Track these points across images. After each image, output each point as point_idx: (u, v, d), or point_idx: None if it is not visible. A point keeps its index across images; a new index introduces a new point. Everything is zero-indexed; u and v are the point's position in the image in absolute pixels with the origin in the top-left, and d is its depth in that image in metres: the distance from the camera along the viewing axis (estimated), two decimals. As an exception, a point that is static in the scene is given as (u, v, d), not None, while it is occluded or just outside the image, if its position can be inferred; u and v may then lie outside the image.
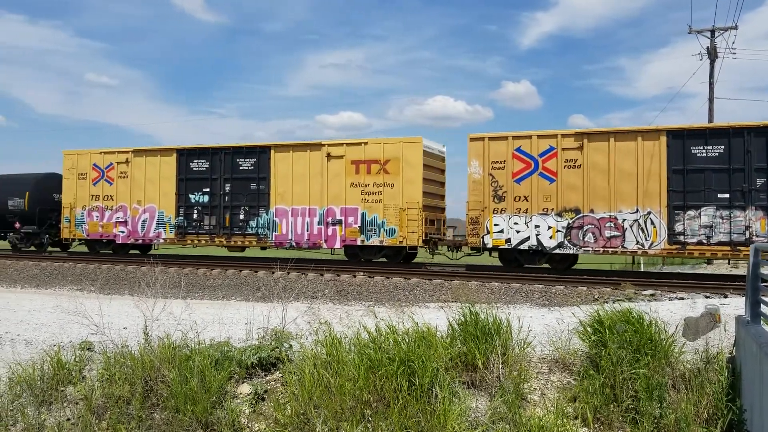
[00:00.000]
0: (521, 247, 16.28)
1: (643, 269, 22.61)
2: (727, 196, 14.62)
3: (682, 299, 11.85)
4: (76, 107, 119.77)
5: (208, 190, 20.01)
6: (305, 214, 18.76)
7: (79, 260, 20.66)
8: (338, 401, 6.70)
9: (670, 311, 8.64)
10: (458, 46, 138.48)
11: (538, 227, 16.07)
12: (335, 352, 7.15)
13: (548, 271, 16.40)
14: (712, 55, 26.19)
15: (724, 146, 14.67)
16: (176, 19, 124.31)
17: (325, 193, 18.47)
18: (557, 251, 16.03)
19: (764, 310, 6.66)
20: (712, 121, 24.90)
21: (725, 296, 12.23)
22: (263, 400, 7.38)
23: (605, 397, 6.77)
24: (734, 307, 8.58)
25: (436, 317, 9.01)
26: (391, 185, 17.69)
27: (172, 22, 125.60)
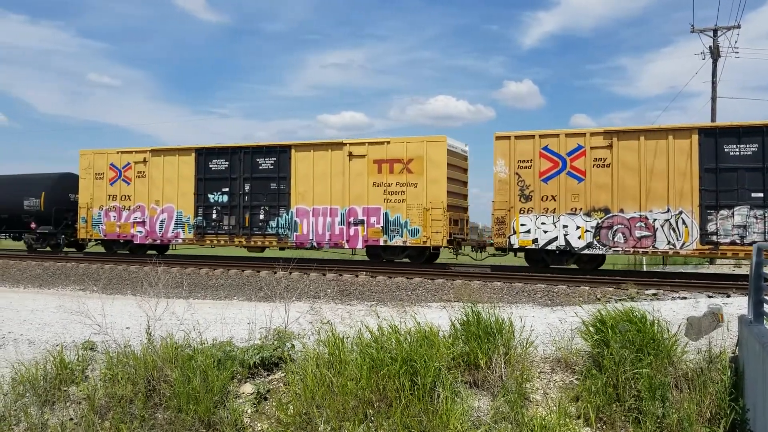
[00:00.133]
0: (548, 247, 16.09)
1: (645, 269, 22.57)
2: (761, 195, 14.27)
3: (684, 299, 11.83)
4: (78, 107, 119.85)
5: (227, 189, 19.87)
6: (326, 214, 18.58)
7: (81, 260, 20.69)
8: (340, 401, 6.71)
9: (672, 311, 8.63)
10: (460, 45, 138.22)
11: (566, 227, 15.85)
12: (337, 351, 7.16)
13: (550, 270, 16.37)
14: (714, 54, 26.13)
15: (757, 144, 14.37)
16: (178, 19, 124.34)
17: (346, 192, 18.30)
18: (586, 251, 15.84)
19: (767, 309, 6.64)
20: (714, 120, 24.85)
21: (728, 296, 12.20)
22: (266, 399, 7.39)
23: (608, 396, 6.77)
24: (737, 306, 8.57)
25: (438, 317, 9.00)
26: (414, 185, 17.52)
27: (173, 22, 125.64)
